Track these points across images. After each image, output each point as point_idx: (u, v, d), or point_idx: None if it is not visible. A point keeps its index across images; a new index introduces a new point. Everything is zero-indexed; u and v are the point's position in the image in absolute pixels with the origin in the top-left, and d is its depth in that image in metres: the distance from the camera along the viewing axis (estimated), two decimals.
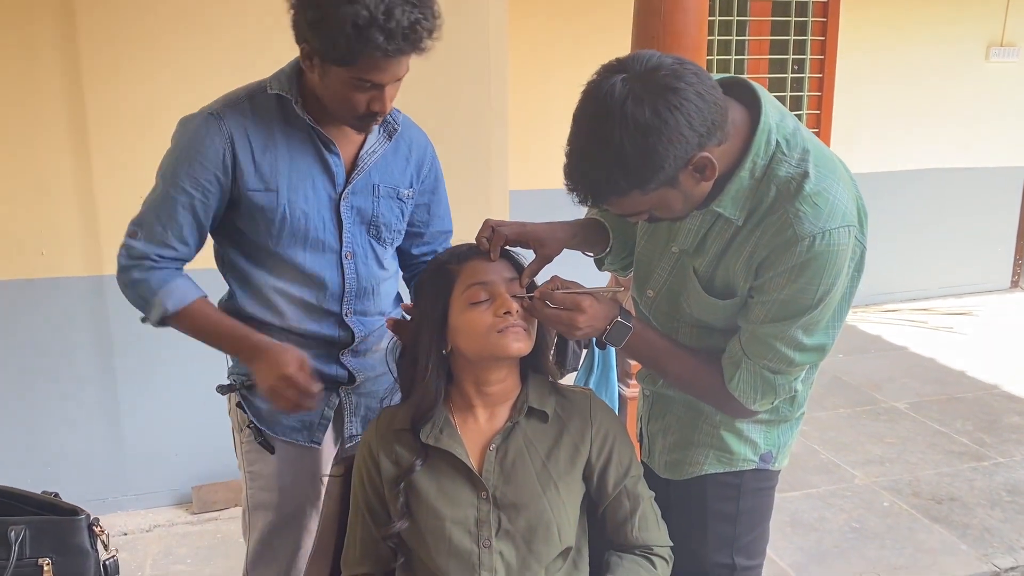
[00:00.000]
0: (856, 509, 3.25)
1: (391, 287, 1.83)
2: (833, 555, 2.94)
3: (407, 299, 1.84)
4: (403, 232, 1.80)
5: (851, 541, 3.02)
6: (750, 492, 1.59)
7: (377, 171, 1.70)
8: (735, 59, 5.24)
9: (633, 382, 2.80)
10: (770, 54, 5.40)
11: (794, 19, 5.34)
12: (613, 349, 2.80)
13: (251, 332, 1.61)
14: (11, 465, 2.93)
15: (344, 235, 1.68)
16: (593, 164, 1.24)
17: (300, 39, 1.49)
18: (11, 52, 2.74)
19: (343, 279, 1.70)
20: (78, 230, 2.88)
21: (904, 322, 5.61)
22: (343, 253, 1.68)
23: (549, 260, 1.53)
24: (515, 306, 1.43)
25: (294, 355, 1.55)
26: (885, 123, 5.63)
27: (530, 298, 1.46)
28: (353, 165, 1.67)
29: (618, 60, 1.25)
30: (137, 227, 1.59)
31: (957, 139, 5.87)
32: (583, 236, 1.61)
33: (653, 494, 1.55)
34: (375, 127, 1.65)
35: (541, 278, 1.51)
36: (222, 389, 1.77)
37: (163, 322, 1.61)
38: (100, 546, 1.42)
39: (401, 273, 1.90)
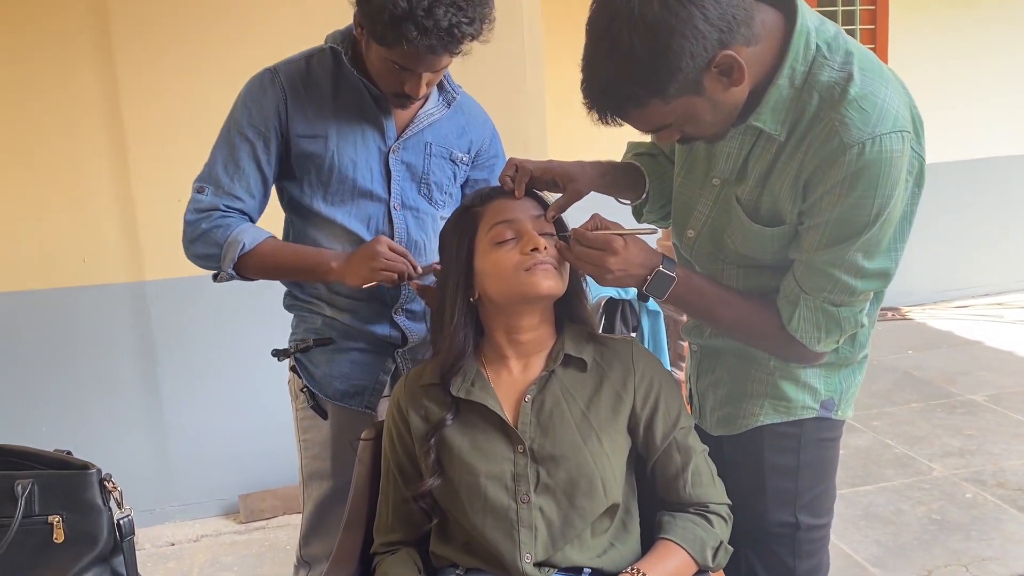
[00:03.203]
0: (936, 501, 3.03)
1: None
2: (913, 547, 2.73)
3: None
4: (456, 196, 1.78)
5: (932, 533, 2.81)
6: (811, 443, 1.45)
7: (431, 132, 1.70)
8: None
9: (684, 364, 2.66)
10: None
11: (841, 8, 5.19)
12: (663, 330, 2.69)
13: (329, 251, 1.63)
14: None
15: (392, 187, 1.67)
16: (605, 73, 1.15)
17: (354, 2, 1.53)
18: (48, 63, 2.77)
19: (392, 228, 1.68)
20: (118, 237, 2.89)
21: (977, 317, 5.33)
22: (391, 204, 1.67)
23: (580, 196, 1.43)
24: (543, 242, 1.34)
25: (376, 240, 1.55)
26: (944, 109, 5.34)
27: (561, 238, 1.37)
28: (408, 124, 1.68)
29: None
30: (203, 183, 1.61)
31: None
32: (614, 177, 1.51)
33: (707, 448, 1.43)
34: (435, 93, 1.69)
35: (574, 220, 1.41)
36: (278, 354, 1.75)
37: (237, 266, 1.59)
38: (113, 503, 1.36)
39: None
